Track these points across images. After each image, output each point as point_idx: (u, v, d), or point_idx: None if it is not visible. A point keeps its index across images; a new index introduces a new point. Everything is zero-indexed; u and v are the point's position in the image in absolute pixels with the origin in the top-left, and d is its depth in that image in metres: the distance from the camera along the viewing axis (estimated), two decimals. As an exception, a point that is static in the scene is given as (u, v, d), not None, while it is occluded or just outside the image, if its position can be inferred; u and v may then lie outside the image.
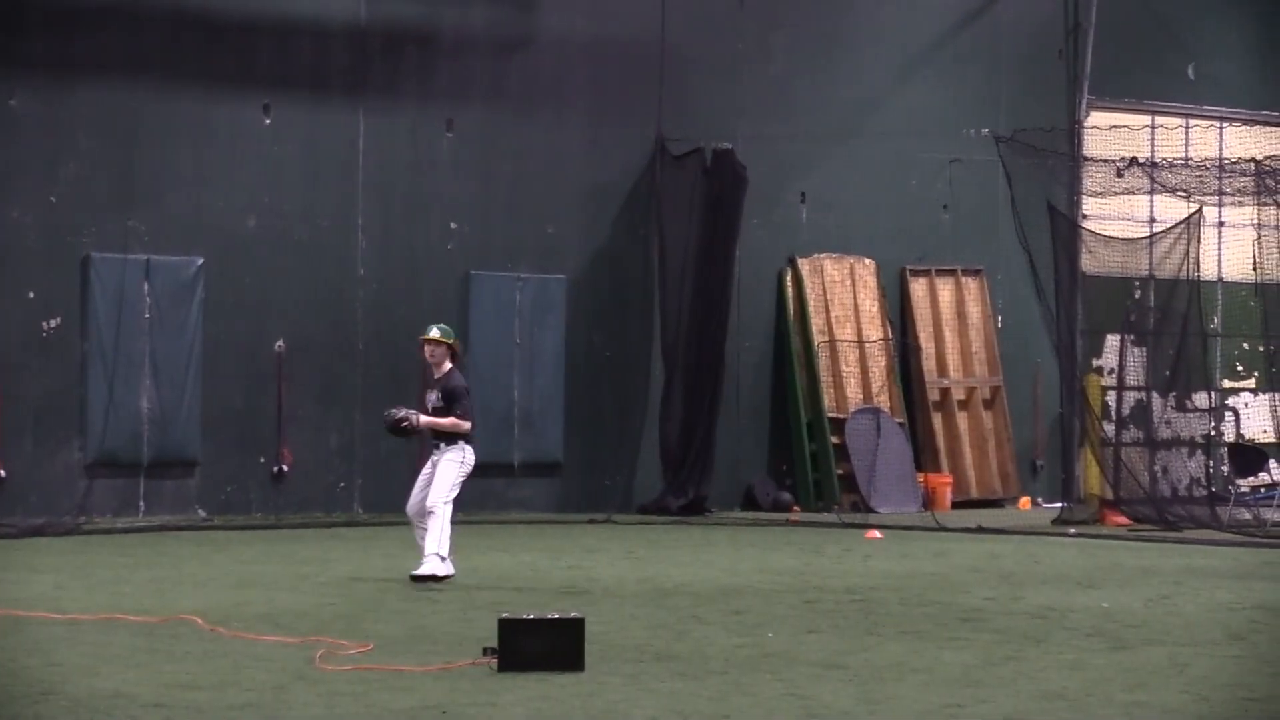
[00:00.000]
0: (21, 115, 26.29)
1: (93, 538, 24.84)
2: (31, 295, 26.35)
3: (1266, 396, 32.23)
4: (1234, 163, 31.41)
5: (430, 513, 18.75)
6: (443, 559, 18.53)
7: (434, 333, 19.84)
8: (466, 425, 19.21)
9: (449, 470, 18.90)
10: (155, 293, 26.98)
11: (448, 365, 19.65)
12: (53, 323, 26.44)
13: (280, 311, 27.88)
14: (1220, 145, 32.44)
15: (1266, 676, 14.23)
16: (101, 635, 15.46)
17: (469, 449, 19.48)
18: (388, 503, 27.81)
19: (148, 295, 26.93)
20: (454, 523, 19.37)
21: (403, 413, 19.85)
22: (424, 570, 18.62)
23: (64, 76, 26.50)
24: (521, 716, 11.93)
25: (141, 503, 26.94)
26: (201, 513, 27.14)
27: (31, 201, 26.39)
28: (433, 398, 19.67)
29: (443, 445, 19.42)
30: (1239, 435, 31.50)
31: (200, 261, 27.24)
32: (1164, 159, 31.35)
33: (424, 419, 19.66)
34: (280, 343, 27.76)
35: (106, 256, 26.74)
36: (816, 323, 31.42)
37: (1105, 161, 30.81)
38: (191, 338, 27.23)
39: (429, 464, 19.51)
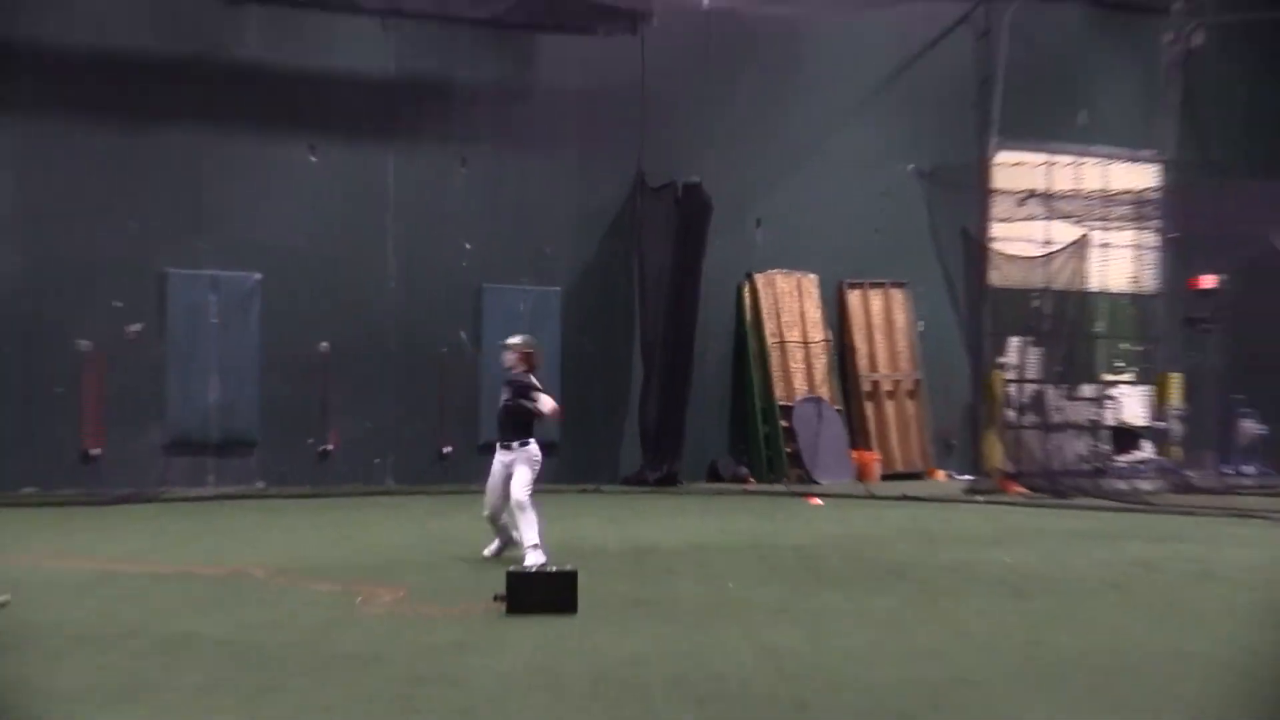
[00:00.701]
0: (109, 155, 26.17)
1: (170, 505, 24.82)
2: (119, 305, 26.26)
3: (1140, 388, 32.27)
4: (1116, 194, 31.42)
5: (519, 507, 17.10)
6: (537, 546, 16.90)
7: (510, 340, 18.52)
8: (545, 405, 17.63)
9: (525, 470, 17.43)
10: (221, 303, 26.93)
11: (522, 368, 18.05)
12: (136, 327, 26.31)
13: (325, 318, 27.81)
14: (1105, 179, 32.36)
15: (1141, 620, 14.33)
16: (179, 585, 15.57)
17: (535, 445, 17.75)
18: (414, 477, 28.02)
19: (214, 305, 26.87)
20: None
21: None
22: (530, 561, 16.43)
23: (143, 122, 26.39)
24: (526, 652, 11.98)
25: (210, 476, 26.91)
26: (260, 484, 27.06)
27: (117, 226, 26.30)
28: (505, 394, 17.94)
29: (514, 445, 17.64)
30: (1118, 419, 31.51)
31: (258, 277, 27.19)
32: (1058, 191, 31.34)
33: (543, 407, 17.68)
34: (325, 344, 27.70)
35: (180, 272, 26.68)
36: (769, 327, 31.33)
37: (1009, 193, 30.80)
38: (251, 340, 27.19)
39: (497, 464, 17.71)
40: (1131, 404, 31.79)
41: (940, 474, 32.21)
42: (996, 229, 30.73)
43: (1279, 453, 31.84)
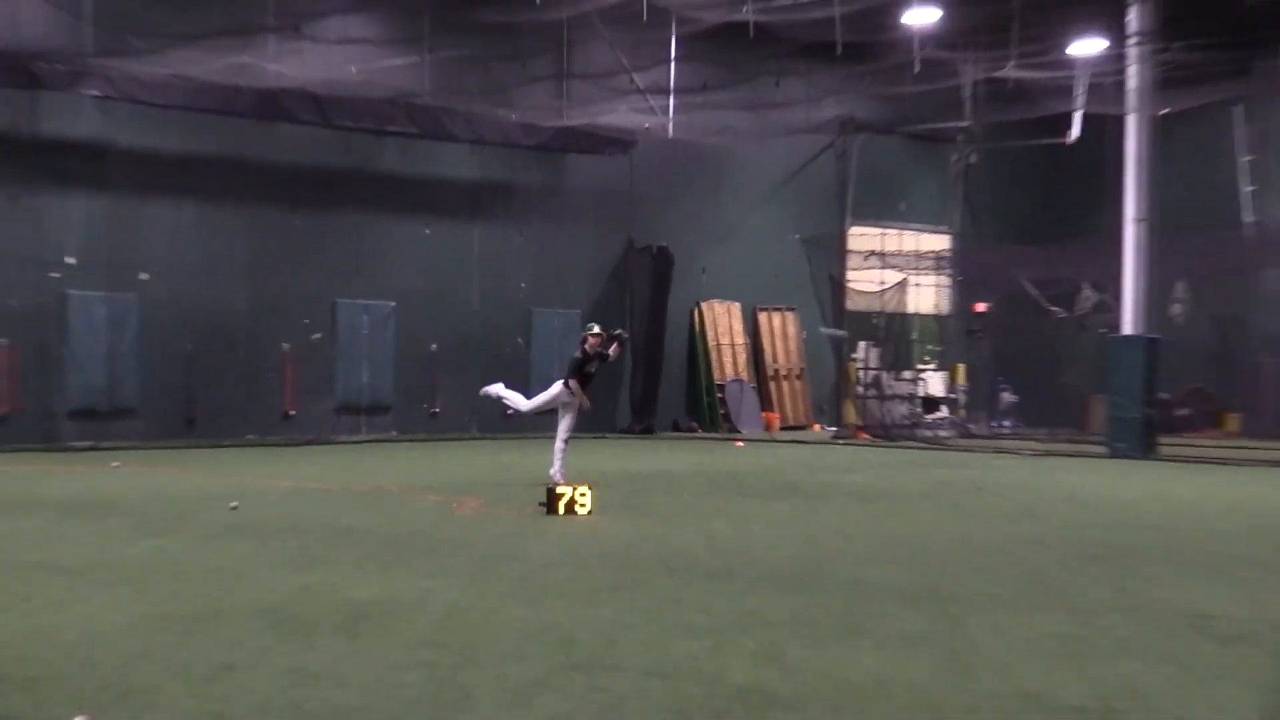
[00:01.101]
0: (304, 228, 26.19)
1: (337, 447, 24.88)
2: (307, 322, 26.27)
3: (939, 373, 32.40)
4: (923, 254, 31.58)
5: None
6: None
7: (597, 328, 17.66)
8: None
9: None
10: (370, 321, 26.95)
11: (594, 343, 17.26)
12: (317, 336, 26.39)
13: (434, 330, 27.79)
14: (917, 243, 32.53)
15: (943, 517, 14.34)
16: (342, 496, 15.62)
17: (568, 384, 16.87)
18: (490, 428, 27.98)
19: (365, 322, 26.92)
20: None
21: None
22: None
23: (324, 207, 26.41)
24: (557, 539, 11.97)
25: (363, 428, 26.93)
26: (394, 433, 27.11)
27: (306, 274, 26.28)
28: (597, 363, 17.20)
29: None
30: (926, 392, 31.63)
31: (393, 304, 27.22)
32: (888, 250, 31.50)
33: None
34: (434, 345, 27.77)
35: (344, 301, 26.70)
36: (710, 335, 31.44)
37: (858, 252, 30.98)
38: (388, 344, 27.20)
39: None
40: (934, 383, 31.94)
41: (816, 427, 32.22)
42: (850, 275, 30.88)
43: (1025, 413, 31.91)
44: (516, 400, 17.59)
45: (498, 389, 17.82)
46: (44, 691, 6.22)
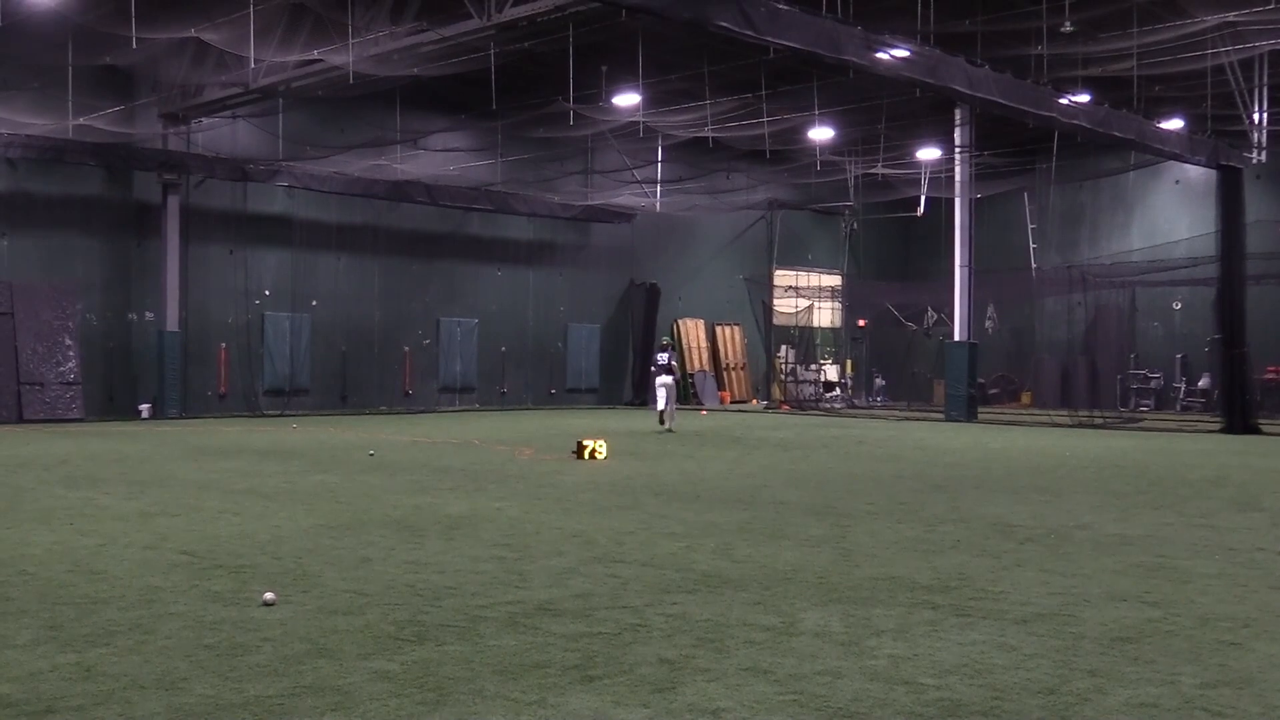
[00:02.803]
0: (417, 272, 25.93)
1: (440, 414, 24.61)
2: (420, 332, 26.12)
3: (834, 365, 32.37)
4: (824, 287, 31.46)
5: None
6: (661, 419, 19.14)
7: (666, 340, 20.25)
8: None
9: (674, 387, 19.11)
10: (461, 333, 26.80)
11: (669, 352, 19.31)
12: (426, 342, 26.17)
13: (504, 338, 27.62)
14: (819, 281, 32.43)
15: (835, 462, 14.21)
16: (441, 448, 15.40)
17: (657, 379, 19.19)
18: (540, 402, 27.92)
19: (458, 333, 26.77)
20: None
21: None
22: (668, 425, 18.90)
23: (432, 259, 26.19)
24: (583, 475, 11.88)
25: (457, 401, 26.72)
26: (476, 406, 26.92)
27: (420, 299, 26.06)
28: (666, 361, 19.23)
29: (670, 378, 19.13)
30: (825, 378, 31.61)
31: (476, 321, 27.07)
32: (800, 286, 31.42)
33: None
34: (504, 347, 27.66)
35: (445, 319, 26.51)
36: (685, 342, 31.21)
37: (781, 286, 30.87)
38: (473, 347, 27.01)
39: (664, 385, 19.23)
40: (831, 372, 31.89)
41: (755, 401, 32.10)
42: (776, 301, 30.80)
43: (890, 392, 31.89)
44: (665, 405, 19.20)
45: (666, 407, 19.10)
46: (245, 576, 6.14)
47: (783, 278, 31.69)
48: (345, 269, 25.04)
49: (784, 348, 31.01)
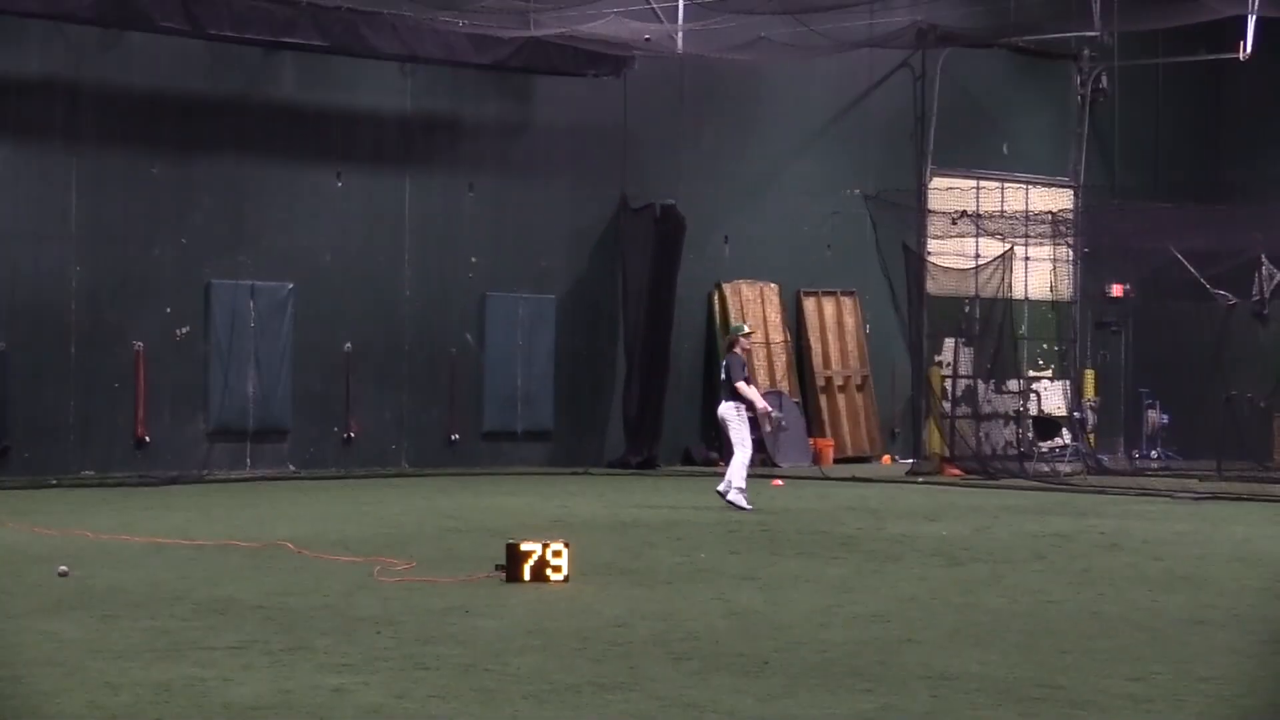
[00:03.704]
0: (161, 179, 26.15)
1: (212, 486, 24.84)
2: (168, 310, 26.20)
3: (1059, 383, 32.34)
4: (1036, 214, 31.53)
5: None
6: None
7: (748, 328, 23.28)
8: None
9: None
10: (258, 309, 26.85)
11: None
12: (183, 330, 26.30)
13: (348, 322, 27.75)
14: (1026, 202, 32.52)
15: (1061, 584, 14.38)
16: (218, 557, 15.60)
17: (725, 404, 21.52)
18: (426, 460, 28.05)
19: (252, 311, 26.80)
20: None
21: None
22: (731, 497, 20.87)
23: (191, 151, 26.39)
24: (522, 615, 12.00)
25: (248, 460, 26.82)
26: (291, 467, 26.98)
27: (168, 242, 26.24)
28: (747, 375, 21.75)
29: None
30: (1040, 410, 31.56)
31: (290, 286, 27.10)
32: (986, 212, 31.47)
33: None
34: (348, 344, 27.64)
35: (223, 283, 26.59)
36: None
37: (943, 213, 30.94)
38: (284, 341, 27.07)
39: (750, 417, 21.72)
40: (1051, 396, 31.86)
41: (887, 459, 32.12)
42: (933, 244, 30.82)
43: (1179, 439, 31.85)
44: (739, 474, 21.14)
45: (735, 492, 21.02)
46: None
47: (948, 195, 31.74)
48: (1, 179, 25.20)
49: (950, 345, 31.08)
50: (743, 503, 20.75)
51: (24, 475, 24.31)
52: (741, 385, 21.12)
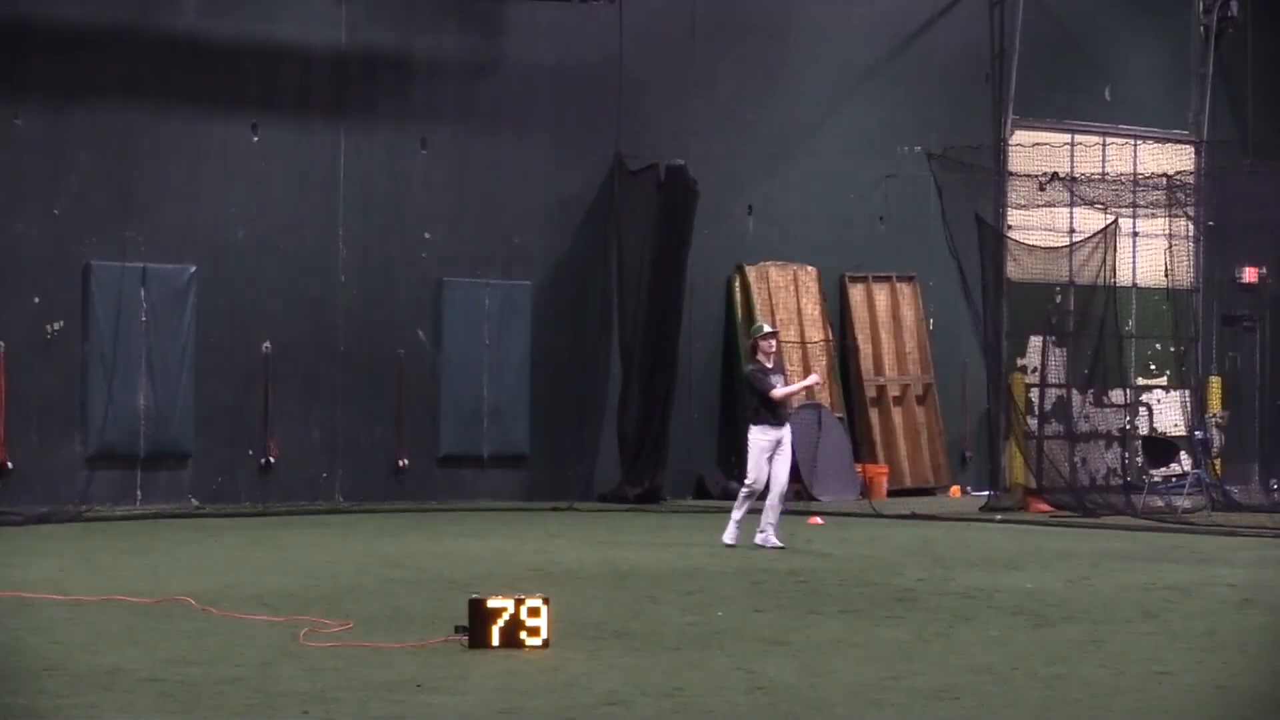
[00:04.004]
0: (26, 134, 26.19)
1: (93, 525, 24.73)
2: (36, 300, 26.22)
3: (1177, 393, 32.33)
4: (1147, 178, 31.48)
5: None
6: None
7: (768, 328, 23.73)
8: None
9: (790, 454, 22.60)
10: (151, 298, 26.88)
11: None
12: (56, 326, 26.32)
13: (267, 315, 27.78)
14: (1134, 161, 32.47)
15: (1178, 651, 14.29)
16: (101, 615, 15.46)
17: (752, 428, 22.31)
18: (366, 492, 28.01)
19: (144, 301, 26.83)
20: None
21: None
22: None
23: (65, 98, 26.42)
24: (490, 690, 11.93)
25: (139, 492, 26.81)
26: (194, 501, 26.98)
27: (36, 213, 26.29)
28: (781, 380, 22.39)
29: (788, 425, 22.37)
30: (1152, 429, 31.55)
31: (193, 269, 27.14)
32: (1083, 174, 31.41)
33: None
34: (267, 344, 27.68)
35: (106, 264, 26.61)
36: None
37: (1028, 176, 30.86)
38: (185, 340, 27.12)
39: (774, 444, 21.87)
40: (1167, 411, 31.83)
41: (956, 491, 32.12)
42: (1014, 216, 30.87)
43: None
44: (737, 519, 22.33)
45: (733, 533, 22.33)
46: None
47: (1034, 154, 31.68)
48: None
49: (1037, 345, 31.05)
50: (730, 538, 22.17)
51: None
52: (778, 391, 21.99)
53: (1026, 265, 30.73)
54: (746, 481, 22.03)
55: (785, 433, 22.06)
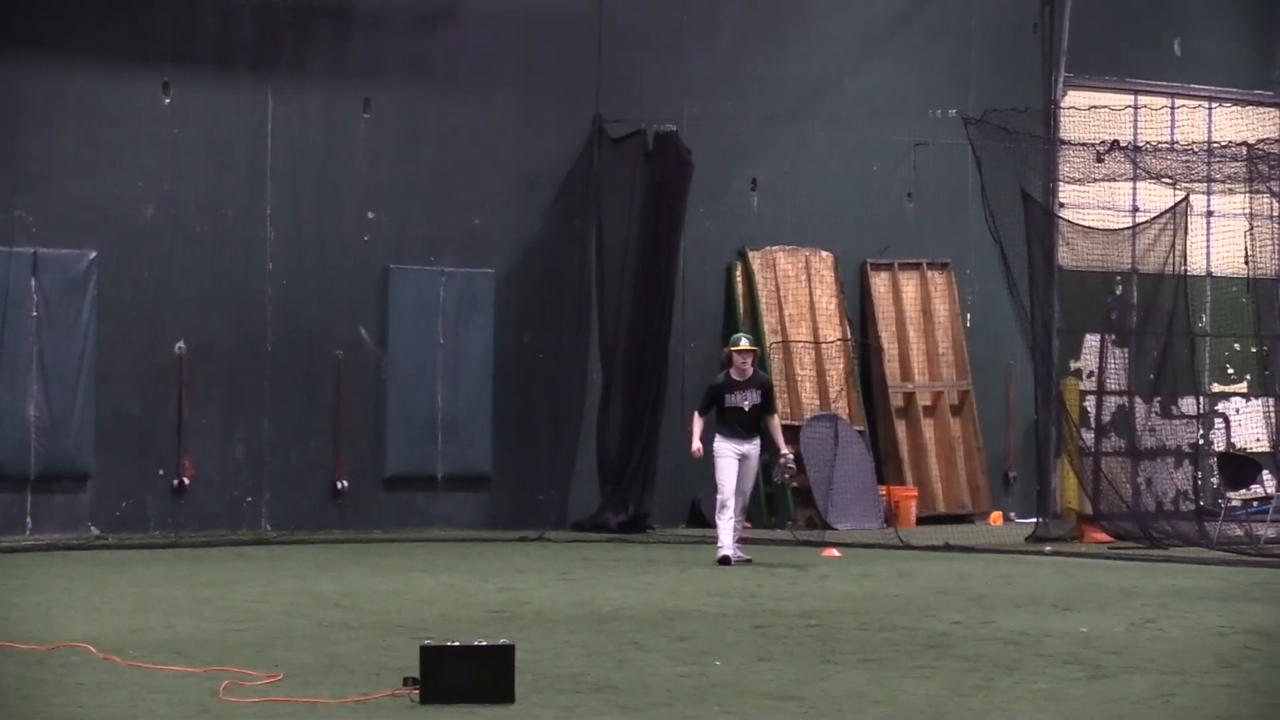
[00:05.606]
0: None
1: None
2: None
3: (1259, 402, 32.42)
4: (1224, 146, 31.54)
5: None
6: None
7: (745, 343, 25.04)
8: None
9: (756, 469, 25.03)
10: (43, 289, 26.96)
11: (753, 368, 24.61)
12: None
13: (181, 309, 27.92)
14: (1209, 127, 32.59)
15: (1260, 708, 14.36)
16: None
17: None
18: (298, 519, 28.06)
19: (35, 292, 26.90)
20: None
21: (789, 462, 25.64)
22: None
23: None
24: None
25: (29, 519, 26.88)
26: (94, 530, 27.08)
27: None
28: (751, 396, 24.25)
29: (757, 440, 24.46)
30: (1229, 444, 31.64)
31: (93, 255, 27.22)
32: (1148, 142, 31.50)
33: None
34: (181, 344, 27.78)
35: (-14, 252, 26.75)
36: (769, 321, 31.48)
37: (1084, 145, 30.94)
38: (84, 338, 27.19)
39: (739, 455, 24.19)
40: (1246, 423, 31.90)
41: (997, 517, 32.22)
42: (1067, 192, 30.94)
43: None
44: (727, 532, 24.65)
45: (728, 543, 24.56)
46: None
47: (1089, 118, 31.73)
48: None
49: (1094, 345, 31.21)
50: (726, 549, 24.60)
51: None
52: (697, 426, 24.83)
53: (1082, 250, 30.84)
54: (719, 496, 23.78)
55: (750, 449, 24.35)
